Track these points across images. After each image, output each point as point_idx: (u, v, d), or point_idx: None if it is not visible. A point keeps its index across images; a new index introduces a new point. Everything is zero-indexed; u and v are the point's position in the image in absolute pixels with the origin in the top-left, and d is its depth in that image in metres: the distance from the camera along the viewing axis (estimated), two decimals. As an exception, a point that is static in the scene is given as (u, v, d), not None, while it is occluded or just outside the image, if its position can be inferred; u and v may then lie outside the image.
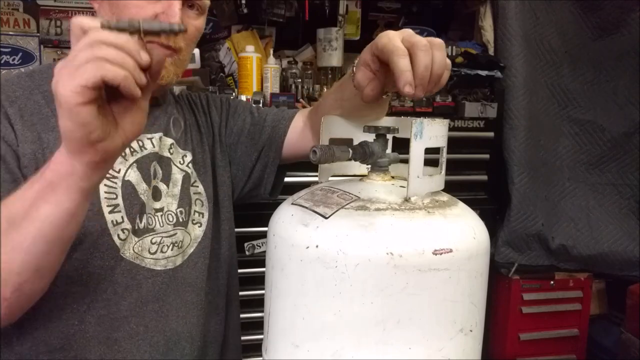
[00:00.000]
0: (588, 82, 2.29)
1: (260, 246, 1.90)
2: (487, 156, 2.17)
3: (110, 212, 0.87)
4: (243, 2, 2.04)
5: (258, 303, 1.92)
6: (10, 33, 2.02)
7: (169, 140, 0.98)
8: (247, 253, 1.89)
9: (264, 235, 0.81)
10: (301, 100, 2.02)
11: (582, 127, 2.30)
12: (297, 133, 1.10)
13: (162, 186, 0.95)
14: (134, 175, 0.91)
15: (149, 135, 0.95)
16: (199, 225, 1.00)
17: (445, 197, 0.78)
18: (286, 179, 1.86)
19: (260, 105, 1.86)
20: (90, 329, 0.86)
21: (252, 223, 1.86)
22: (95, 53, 0.56)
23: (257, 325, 1.90)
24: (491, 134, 2.15)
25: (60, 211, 0.65)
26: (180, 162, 0.99)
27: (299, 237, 0.69)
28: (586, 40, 2.27)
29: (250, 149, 1.12)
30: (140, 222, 0.90)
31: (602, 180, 2.33)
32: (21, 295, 0.69)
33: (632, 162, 2.33)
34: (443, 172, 0.79)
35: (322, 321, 0.67)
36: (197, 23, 0.93)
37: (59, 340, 0.85)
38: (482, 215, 0.77)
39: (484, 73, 2.09)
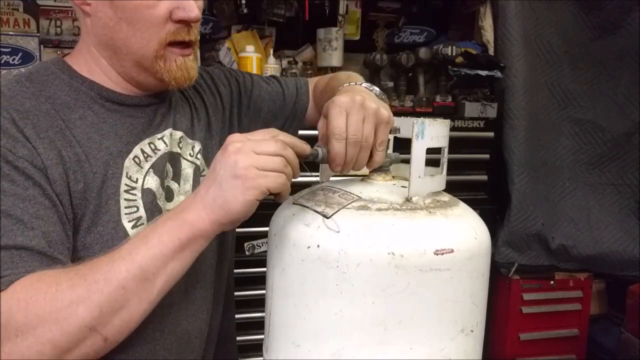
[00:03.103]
0: (588, 82, 2.29)
1: (260, 246, 1.90)
2: (487, 156, 2.17)
3: (133, 227, 0.82)
4: (243, 2, 2.04)
5: (258, 303, 1.92)
6: (10, 33, 2.02)
7: (178, 134, 0.93)
8: (247, 253, 1.89)
9: (264, 235, 0.81)
10: (301, 100, 2.02)
11: (582, 127, 2.30)
12: (312, 107, 1.15)
13: (174, 185, 0.91)
14: (152, 182, 0.86)
15: (159, 135, 0.90)
16: None
17: (446, 197, 0.78)
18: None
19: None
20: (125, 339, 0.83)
21: (252, 223, 1.84)
22: (281, 168, 0.69)
23: (257, 325, 1.90)
24: (491, 134, 2.15)
25: (185, 267, 0.74)
26: (190, 154, 0.95)
27: (300, 237, 0.69)
28: (586, 40, 2.27)
29: (272, 125, 1.09)
30: None
31: (602, 180, 2.33)
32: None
33: (632, 162, 2.33)
34: (444, 172, 0.79)
35: (322, 321, 0.67)
36: (199, 3, 0.86)
37: None
38: (482, 215, 0.78)
39: (484, 73, 2.09)
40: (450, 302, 0.67)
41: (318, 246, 0.67)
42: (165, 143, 0.90)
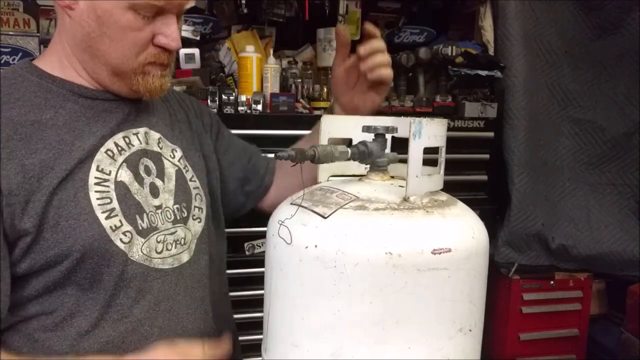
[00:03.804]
0: (588, 82, 2.29)
1: (260, 246, 1.90)
2: (487, 156, 2.17)
3: (107, 218, 0.83)
4: (243, 2, 2.04)
5: (258, 303, 1.92)
6: (10, 33, 2.02)
7: (156, 135, 0.95)
8: (247, 253, 1.89)
9: (263, 235, 0.81)
10: (301, 100, 2.02)
11: (582, 127, 2.30)
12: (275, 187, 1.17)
13: (159, 182, 0.92)
14: (125, 175, 0.87)
15: (134, 131, 0.91)
16: (199, 220, 0.98)
17: (444, 196, 0.78)
18: (286, 179, 1.87)
19: (260, 107, 1.86)
20: (104, 334, 0.85)
21: (252, 223, 1.86)
22: None
23: (257, 325, 1.89)
24: (491, 134, 2.15)
25: None
26: (170, 156, 0.96)
27: (298, 237, 0.69)
28: (586, 40, 2.27)
29: (237, 190, 1.15)
30: (142, 221, 0.87)
31: (602, 180, 2.33)
32: None
33: (632, 162, 2.33)
34: (442, 171, 0.79)
35: (321, 321, 0.68)
36: (180, 25, 0.90)
37: (71, 348, 0.83)
38: (482, 215, 0.78)
39: (484, 73, 2.08)
40: (448, 301, 0.67)
41: (316, 246, 0.67)
42: (139, 140, 0.91)
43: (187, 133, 1.03)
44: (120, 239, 0.84)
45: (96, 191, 0.83)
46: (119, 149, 0.88)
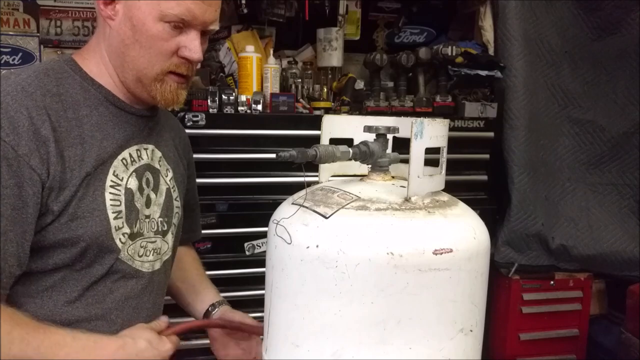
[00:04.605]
0: (588, 82, 2.29)
1: (260, 246, 1.90)
2: (487, 156, 2.17)
3: (114, 218, 0.93)
4: (243, 2, 2.04)
5: (258, 303, 1.91)
6: (10, 33, 2.02)
7: (158, 153, 1.06)
8: (247, 253, 1.89)
9: (264, 235, 0.81)
10: (301, 100, 2.02)
11: (582, 127, 2.30)
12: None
13: (152, 195, 1.03)
14: (133, 183, 0.98)
15: (145, 146, 1.02)
16: (173, 235, 1.09)
17: (445, 197, 0.78)
18: (286, 179, 1.87)
19: (260, 106, 1.86)
20: (76, 313, 0.93)
21: (252, 223, 1.86)
22: None
23: (257, 325, 1.89)
24: (491, 134, 2.15)
25: None
26: (165, 174, 1.07)
27: (299, 237, 0.69)
28: (586, 40, 2.27)
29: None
30: (135, 226, 0.98)
31: (602, 180, 2.33)
32: None
33: (632, 162, 2.33)
34: (443, 172, 0.79)
35: (322, 321, 0.67)
36: (204, 46, 0.99)
37: (46, 317, 0.90)
38: (482, 215, 0.78)
39: (484, 73, 2.08)
40: (449, 301, 0.67)
41: (317, 246, 0.67)
42: (147, 155, 1.03)
43: (177, 159, 1.15)
44: (119, 239, 0.95)
45: (110, 193, 0.94)
46: (132, 159, 0.99)
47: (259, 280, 1.80)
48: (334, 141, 0.83)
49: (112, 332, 0.96)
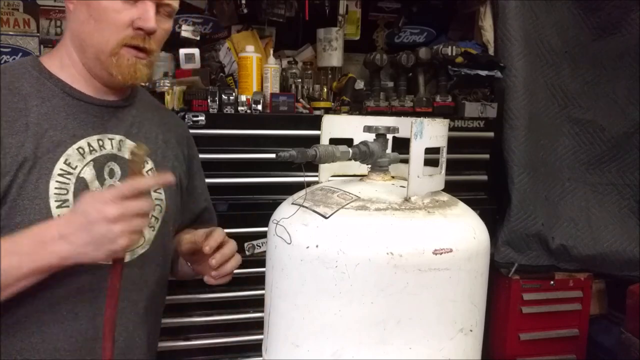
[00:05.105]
0: (588, 82, 2.29)
1: (260, 246, 1.90)
2: (487, 156, 2.17)
3: (58, 207, 0.93)
4: (243, 2, 2.04)
5: (258, 303, 1.92)
6: (10, 33, 2.02)
7: (130, 144, 1.04)
8: (247, 253, 1.89)
9: (264, 235, 0.81)
10: (301, 100, 2.02)
11: (582, 127, 2.29)
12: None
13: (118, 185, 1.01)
14: (89, 173, 0.98)
15: (110, 136, 1.02)
16: (152, 229, 1.07)
17: (445, 197, 0.78)
18: (286, 179, 1.87)
19: (260, 106, 1.86)
20: (29, 308, 0.93)
21: (252, 223, 1.86)
22: (131, 227, 0.83)
23: (257, 325, 1.90)
24: (491, 134, 2.15)
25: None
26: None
27: (299, 237, 0.69)
28: (586, 40, 2.26)
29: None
30: None
31: (602, 180, 2.33)
32: None
33: (632, 162, 2.33)
34: (443, 172, 0.79)
35: (322, 321, 0.68)
36: (166, 26, 1.02)
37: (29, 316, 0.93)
38: (482, 215, 0.78)
39: (484, 73, 2.08)
40: (449, 301, 0.67)
41: (317, 246, 0.67)
42: (112, 145, 1.02)
43: (164, 152, 1.13)
44: None
45: (57, 181, 0.94)
46: (91, 149, 0.99)
47: (259, 280, 1.80)
48: (334, 141, 0.83)
49: (63, 328, 0.95)
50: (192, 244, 1.08)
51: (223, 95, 1.85)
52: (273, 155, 0.73)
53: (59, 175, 0.94)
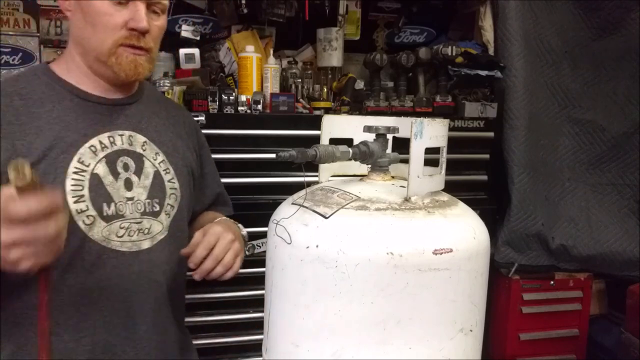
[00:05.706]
0: (588, 82, 2.29)
1: (260, 246, 1.90)
2: (487, 156, 2.17)
3: (75, 202, 0.98)
4: (243, 2, 2.04)
5: (258, 303, 1.92)
6: (10, 33, 2.02)
7: (141, 138, 1.10)
8: (247, 253, 1.88)
9: (264, 235, 0.81)
10: (301, 100, 2.02)
11: (582, 127, 2.30)
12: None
13: (134, 178, 1.07)
14: (101, 169, 1.02)
15: (120, 132, 1.07)
16: (169, 216, 1.12)
17: (445, 197, 0.78)
18: (286, 179, 1.87)
19: (260, 106, 1.86)
20: (63, 297, 0.98)
21: (252, 223, 1.85)
22: (33, 251, 0.74)
23: (257, 325, 1.90)
24: (491, 134, 2.15)
25: None
26: (153, 158, 1.11)
27: (299, 237, 0.69)
28: (586, 40, 2.26)
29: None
30: (109, 209, 1.02)
31: (602, 180, 2.33)
32: None
33: (632, 162, 2.33)
34: (443, 172, 0.79)
35: (322, 321, 0.67)
36: (159, 23, 1.06)
37: (28, 310, 0.96)
38: (482, 215, 0.78)
39: (484, 73, 2.08)
40: (449, 301, 0.67)
41: (317, 246, 0.67)
42: (122, 141, 1.07)
43: (176, 143, 1.18)
44: (83, 221, 0.99)
45: (72, 179, 0.99)
46: (102, 146, 1.04)
47: (259, 280, 1.80)
48: (333, 141, 0.83)
49: (100, 312, 1.01)
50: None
51: (223, 95, 1.85)
52: (273, 155, 0.73)
53: (74, 173, 0.99)
